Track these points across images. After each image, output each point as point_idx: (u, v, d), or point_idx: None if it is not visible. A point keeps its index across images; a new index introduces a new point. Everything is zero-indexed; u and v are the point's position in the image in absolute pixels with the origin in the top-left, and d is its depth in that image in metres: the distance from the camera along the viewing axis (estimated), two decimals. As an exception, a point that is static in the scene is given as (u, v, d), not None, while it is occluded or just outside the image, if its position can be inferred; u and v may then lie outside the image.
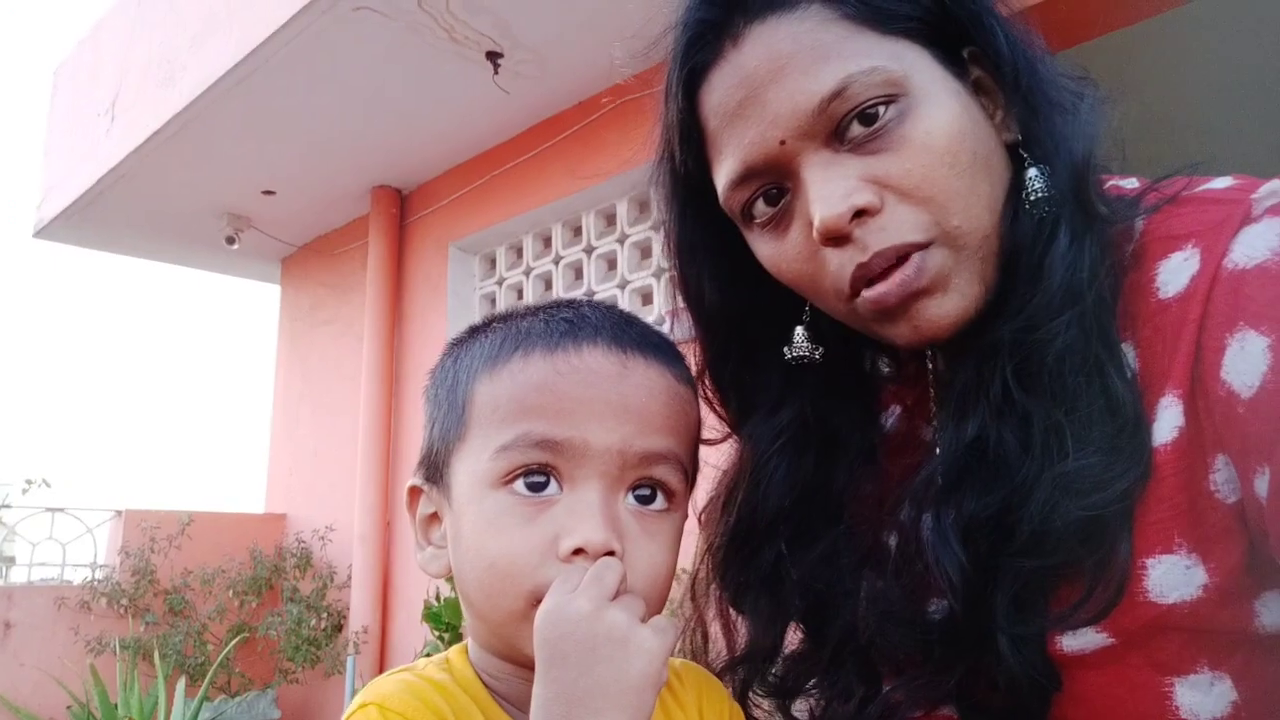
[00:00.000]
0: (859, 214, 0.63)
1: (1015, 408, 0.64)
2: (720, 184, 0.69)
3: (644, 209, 3.77)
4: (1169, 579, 0.59)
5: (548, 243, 4.25)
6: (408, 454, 4.50)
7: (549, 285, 4.22)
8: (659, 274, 3.65)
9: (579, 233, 4.08)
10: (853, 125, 0.63)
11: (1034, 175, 0.65)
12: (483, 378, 0.65)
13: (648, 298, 3.72)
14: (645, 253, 3.80)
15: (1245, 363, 0.56)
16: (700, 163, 0.72)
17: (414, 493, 0.70)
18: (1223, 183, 0.65)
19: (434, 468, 0.68)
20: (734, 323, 0.79)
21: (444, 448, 0.67)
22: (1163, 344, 0.61)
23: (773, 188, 0.67)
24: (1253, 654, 0.60)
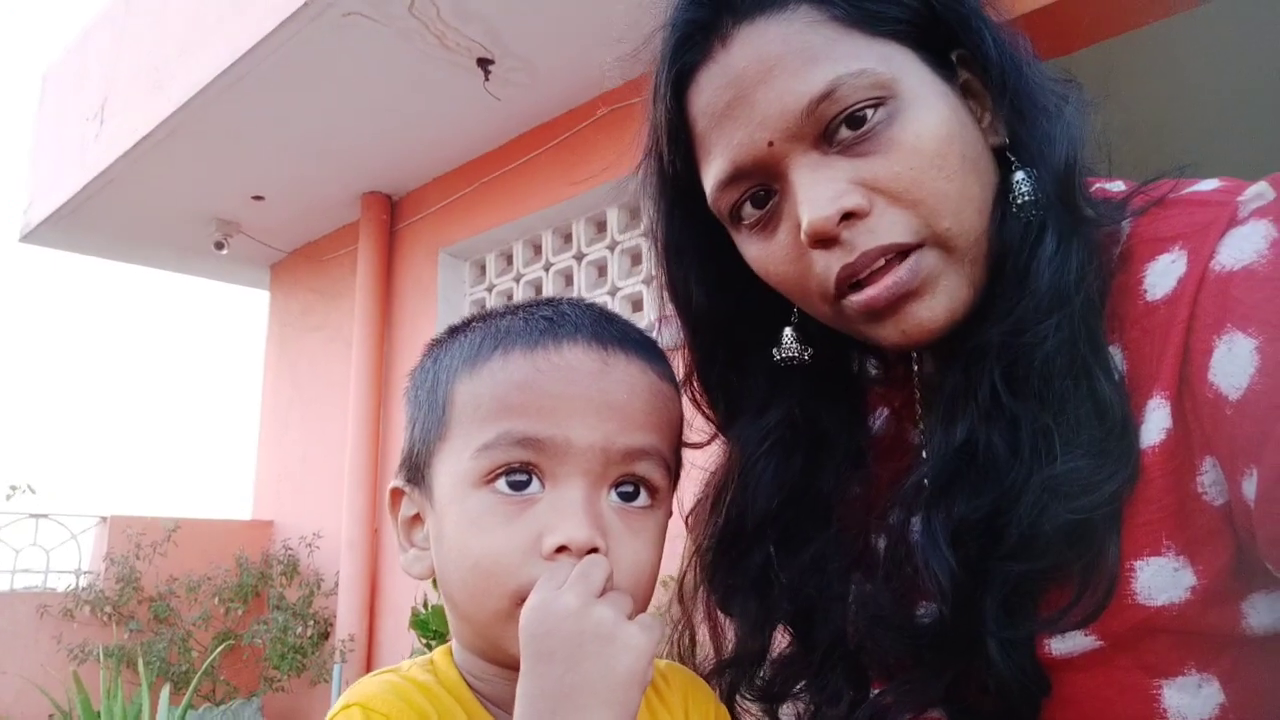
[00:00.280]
0: (847, 216, 0.63)
1: (1003, 411, 0.63)
2: (708, 185, 0.69)
3: (634, 216, 3.78)
4: (1157, 581, 0.59)
5: (538, 249, 4.25)
6: (396, 461, 4.45)
7: (539, 292, 4.22)
8: (649, 281, 3.65)
9: (569, 239, 4.08)
10: (841, 128, 0.63)
11: (1021, 179, 0.66)
12: (463, 377, 0.65)
13: (638, 305, 3.72)
14: (636, 260, 3.80)
15: (1233, 364, 0.56)
16: (688, 163, 0.72)
17: (396, 494, 0.70)
18: (1209, 185, 0.65)
19: (415, 469, 0.68)
20: (721, 324, 0.79)
21: (425, 448, 0.67)
22: (1150, 346, 0.61)
23: (761, 189, 0.67)
24: (1240, 656, 0.60)
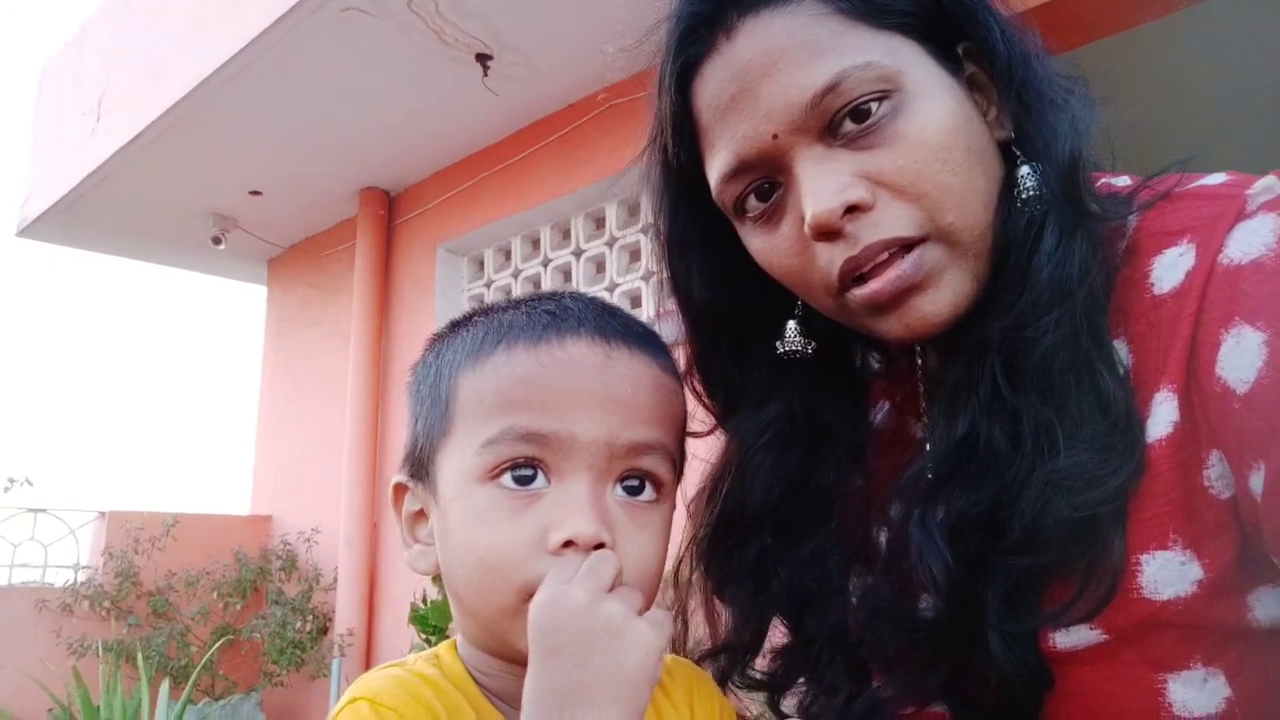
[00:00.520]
0: (851, 210, 0.63)
1: (1005, 405, 0.63)
2: (713, 178, 0.69)
3: (633, 212, 3.77)
4: (1164, 575, 0.59)
5: (536, 245, 4.25)
6: (394, 456, 4.47)
7: (537, 287, 4.21)
8: (648, 277, 3.65)
9: (568, 235, 4.08)
10: (846, 121, 0.63)
11: (1026, 173, 0.65)
12: (466, 372, 0.65)
13: (636, 300, 3.72)
14: (634, 256, 3.80)
15: (1241, 359, 0.56)
16: (693, 156, 0.72)
17: (399, 490, 0.70)
18: (1217, 179, 0.65)
19: (419, 464, 0.68)
20: (724, 317, 0.79)
21: (428, 443, 0.66)
22: (1157, 340, 0.61)
23: (765, 182, 0.67)
24: (1246, 649, 0.60)
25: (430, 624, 3.18)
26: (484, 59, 3.54)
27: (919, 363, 0.78)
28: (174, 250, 5.69)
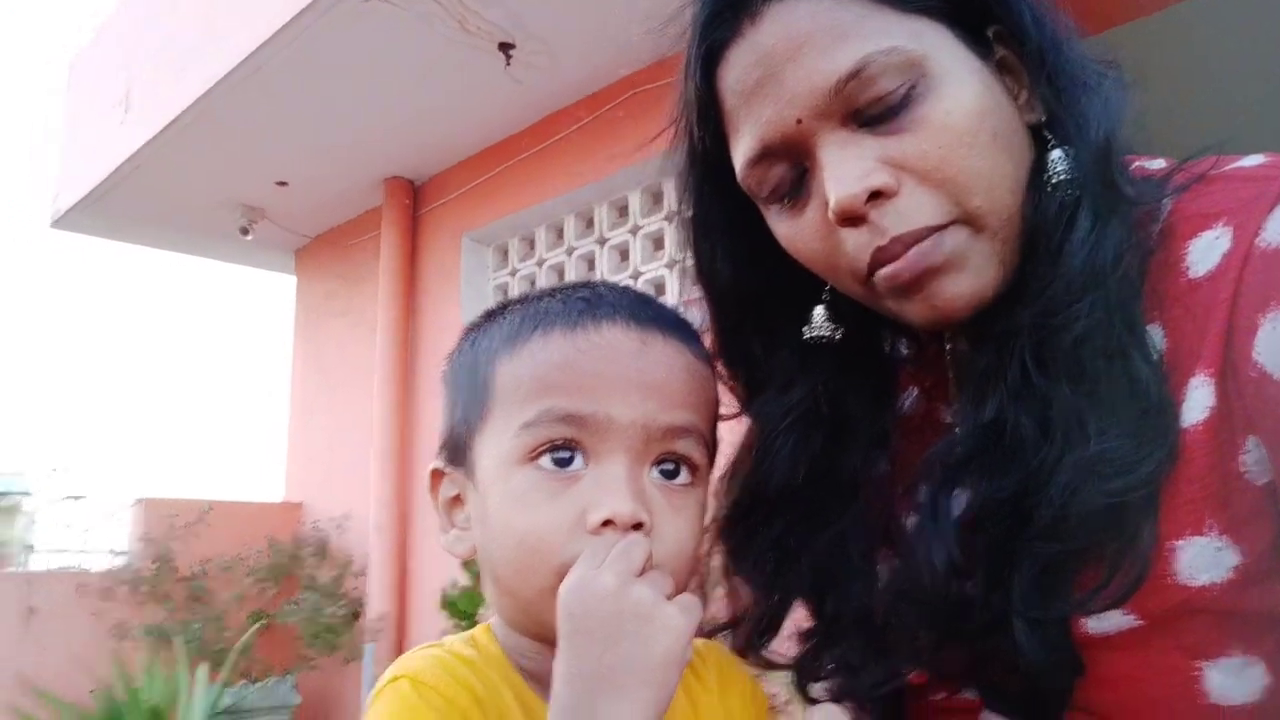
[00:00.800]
0: (875, 195, 0.62)
1: (1034, 392, 0.63)
2: (738, 162, 0.69)
3: (657, 200, 3.76)
4: (1199, 561, 0.58)
5: (560, 234, 4.25)
6: (422, 443, 4.51)
7: (561, 276, 4.22)
8: (671, 265, 3.64)
9: (591, 224, 4.08)
10: (871, 105, 0.63)
11: (1057, 157, 0.65)
12: (503, 358, 0.66)
13: (660, 288, 3.71)
14: (658, 244, 3.79)
15: (1278, 343, 0.55)
16: (718, 141, 0.72)
17: (436, 476, 0.71)
18: (1254, 160, 0.64)
19: (456, 450, 0.69)
20: (749, 300, 0.79)
21: (466, 429, 0.67)
22: (1193, 324, 0.60)
23: (790, 167, 0.67)
24: None
25: (460, 609, 3.22)
26: (506, 48, 3.54)
27: (948, 348, 0.78)
28: (203, 241, 5.76)
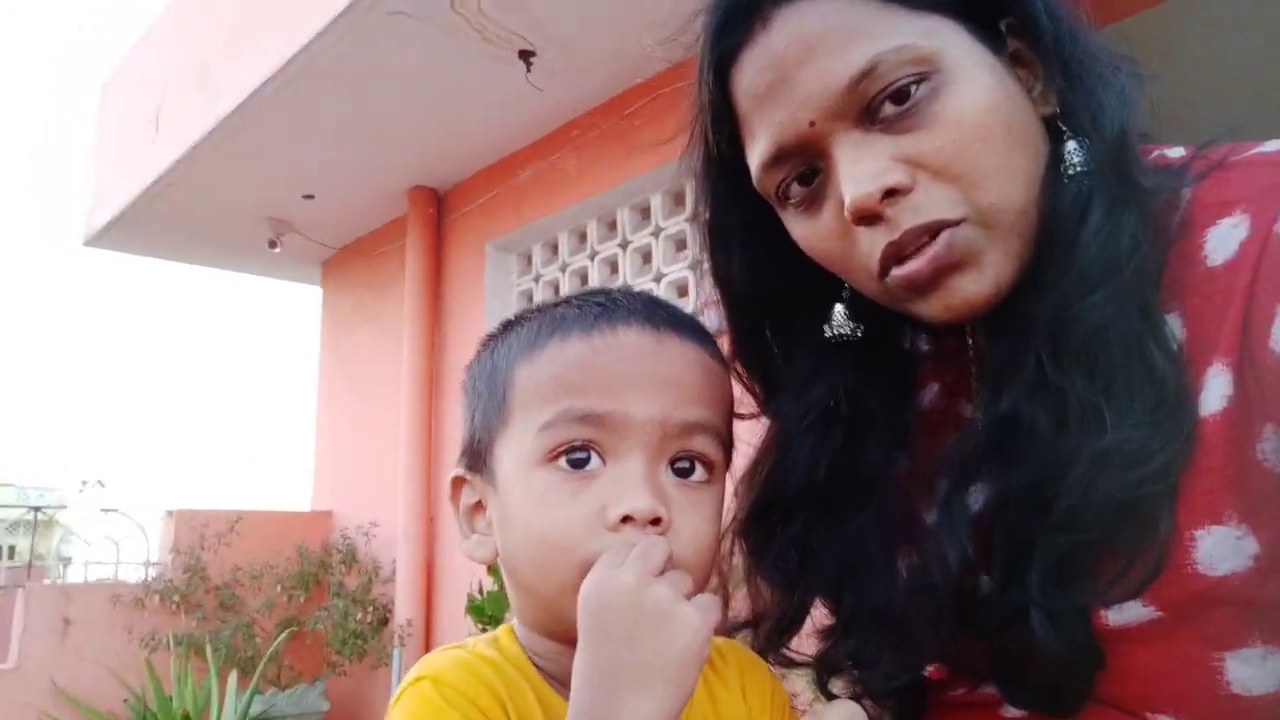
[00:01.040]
0: (890, 193, 0.63)
1: (1050, 384, 0.63)
2: (753, 166, 0.70)
3: (679, 202, 3.77)
4: (1219, 550, 0.58)
5: (583, 238, 4.27)
6: (448, 451, 4.54)
7: (585, 281, 4.23)
8: (694, 266, 3.61)
9: (614, 227, 4.09)
10: (885, 104, 0.63)
11: (1073, 149, 0.65)
12: (522, 363, 0.67)
13: (683, 290, 3.72)
14: (680, 245, 3.80)
15: None
16: (734, 144, 0.72)
17: (457, 483, 0.72)
18: (1273, 146, 0.63)
19: (476, 455, 0.70)
20: (766, 301, 0.79)
21: (486, 435, 0.68)
22: (1211, 312, 0.60)
23: (805, 168, 0.67)
24: None
25: (486, 614, 3.23)
26: (526, 55, 3.57)
27: (969, 343, 0.78)
28: (233, 255, 5.84)
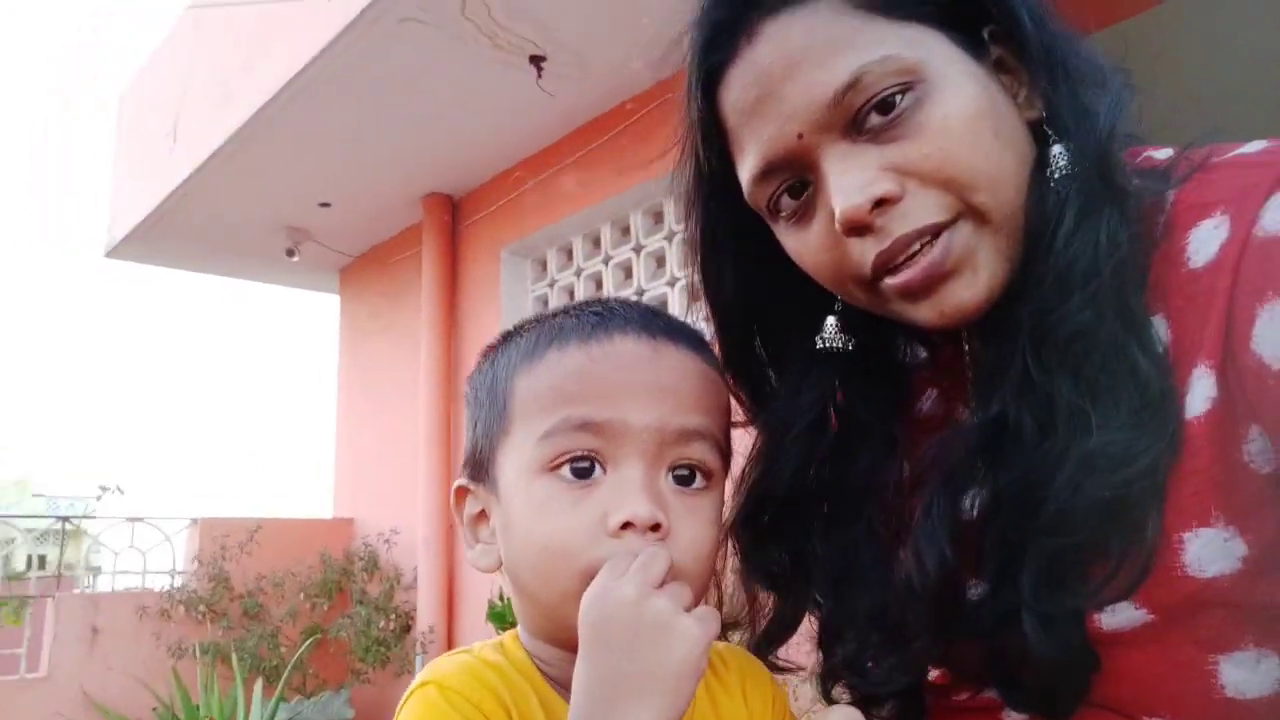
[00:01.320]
0: (880, 203, 0.63)
1: (1036, 388, 0.63)
2: (744, 180, 0.70)
3: (691, 205, 3.77)
4: (1208, 552, 0.58)
5: (597, 243, 4.28)
6: (467, 456, 4.57)
7: (600, 285, 4.25)
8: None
9: (627, 232, 4.10)
10: (870, 115, 0.63)
11: (1058, 153, 0.65)
12: (521, 373, 0.68)
13: (695, 294, 3.71)
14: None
15: (1276, 334, 0.55)
16: (723, 160, 0.73)
17: (460, 493, 0.73)
18: (1255, 147, 0.63)
19: (479, 465, 0.71)
20: (757, 314, 0.80)
21: (488, 444, 0.69)
22: (1194, 315, 0.60)
23: (795, 181, 0.68)
24: None
25: (508, 620, 3.25)
26: (537, 60, 3.59)
27: (965, 348, 0.78)
28: (251, 264, 5.91)
